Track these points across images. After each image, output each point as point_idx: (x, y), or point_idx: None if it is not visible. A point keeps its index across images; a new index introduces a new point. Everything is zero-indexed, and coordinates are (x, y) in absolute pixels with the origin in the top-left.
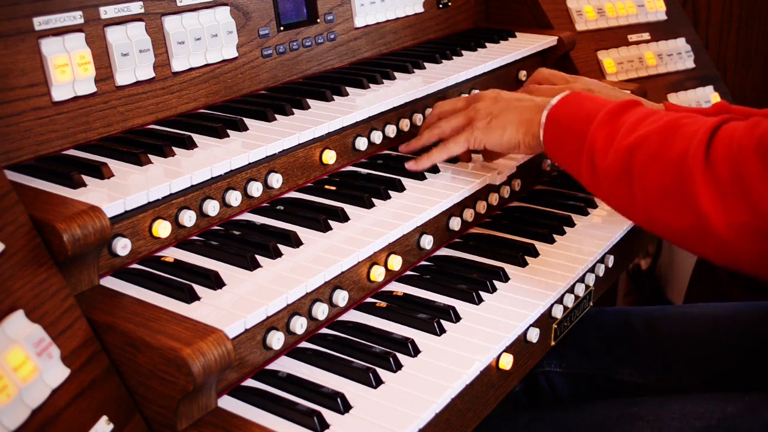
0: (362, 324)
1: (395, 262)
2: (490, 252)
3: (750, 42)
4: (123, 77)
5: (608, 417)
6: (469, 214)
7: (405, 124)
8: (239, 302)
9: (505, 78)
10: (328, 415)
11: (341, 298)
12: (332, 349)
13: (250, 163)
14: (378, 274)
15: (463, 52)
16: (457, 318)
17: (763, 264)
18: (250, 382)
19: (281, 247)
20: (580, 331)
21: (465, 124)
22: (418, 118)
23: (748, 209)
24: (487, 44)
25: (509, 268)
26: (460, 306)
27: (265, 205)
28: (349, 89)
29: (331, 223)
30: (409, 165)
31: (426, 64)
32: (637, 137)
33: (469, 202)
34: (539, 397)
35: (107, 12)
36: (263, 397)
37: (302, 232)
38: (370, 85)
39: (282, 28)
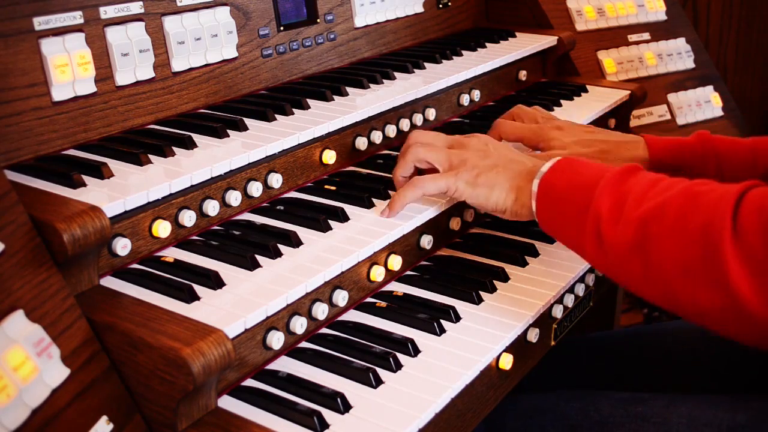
0: (362, 324)
1: (395, 262)
2: (490, 252)
3: (750, 42)
4: (123, 77)
5: (613, 416)
6: (469, 214)
7: (405, 124)
8: (239, 302)
9: (505, 78)
10: (328, 415)
11: (341, 298)
12: (332, 349)
13: (250, 163)
14: (378, 274)
15: (463, 52)
16: (457, 318)
17: None
18: (250, 382)
19: (281, 247)
20: (562, 364)
21: (447, 167)
22: (418, 118)
23: None
24: (487, 44)
25: (509, 268)
26: (460, 306)
27: (265, 205)
28: (349, 89)
29: (331, 223)
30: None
31: (426, 64)
32: (651, 207)
33: None
34: None
35: (107, 12)
36: (263, 397)
37: (302, 232)
38: (370, 85)
39: (282, 28)
